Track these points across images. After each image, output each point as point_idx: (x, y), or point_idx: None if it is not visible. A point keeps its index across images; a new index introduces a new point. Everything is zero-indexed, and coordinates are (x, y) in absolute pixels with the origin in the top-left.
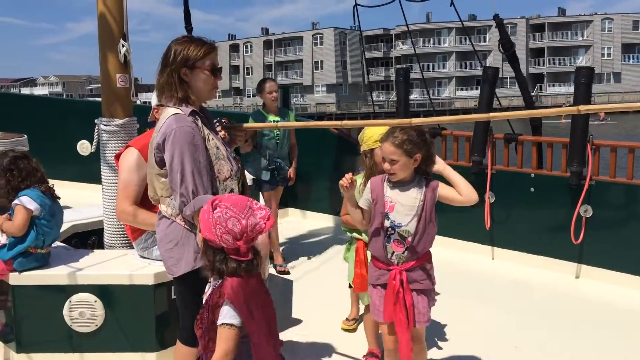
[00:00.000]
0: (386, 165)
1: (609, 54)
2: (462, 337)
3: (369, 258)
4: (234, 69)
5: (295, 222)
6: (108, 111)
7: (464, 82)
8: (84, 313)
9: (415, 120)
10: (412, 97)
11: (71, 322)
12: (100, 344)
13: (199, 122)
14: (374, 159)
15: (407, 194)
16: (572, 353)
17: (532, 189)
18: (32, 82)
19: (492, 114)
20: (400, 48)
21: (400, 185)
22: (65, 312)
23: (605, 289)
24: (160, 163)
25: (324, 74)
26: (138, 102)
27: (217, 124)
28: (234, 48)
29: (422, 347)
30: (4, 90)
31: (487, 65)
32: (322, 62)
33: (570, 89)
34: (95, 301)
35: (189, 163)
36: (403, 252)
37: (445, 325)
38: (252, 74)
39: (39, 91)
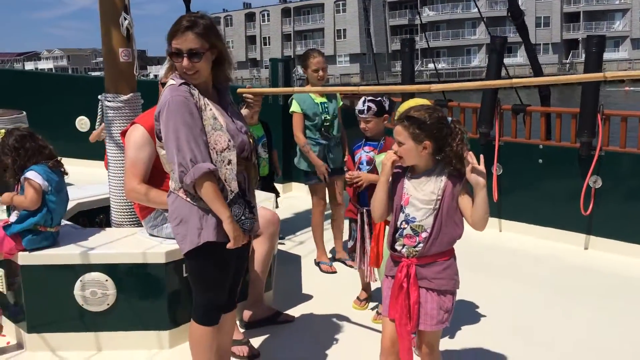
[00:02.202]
0: (394, 147)
1: None
2: (472, 308)
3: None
4: (250, 40)
5: (300, 197)
6: (112, 86)
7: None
8: (95, 292)
9: (436, 87)
10: (439, 66)
11: (83, 301)
12: (112, 323)
13: (195, 92)
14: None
15: (423, 187)
16: (581, 324)
17: (540, 161)
18: (36, 56)
19: (514, 80)
20: (427, 14)
21: (417, 176)
22: (76, 291)
23: (615, 259)
24: (159, 135)
25: (347, 43)
26: (149, 76)
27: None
28: (250, 17)
29: (432, 357)
30: (8, 66)
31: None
32: (344, 30)
33: (607, 55)
34: (107, 280)
35: (184, 132)
36: (415, 246)
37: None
38: (269, 44)
39: (43, 65)
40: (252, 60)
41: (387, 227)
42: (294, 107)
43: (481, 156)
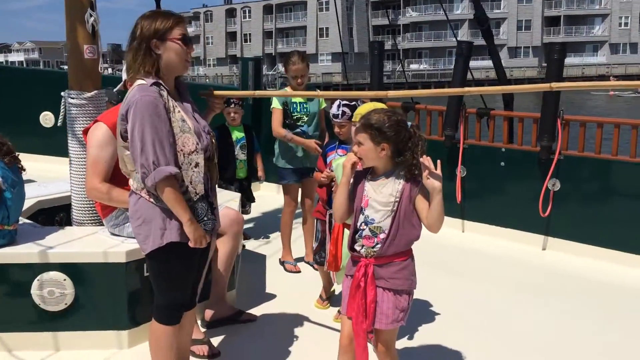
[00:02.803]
0: (354, 148)
1: (625, 24)
2: (431, 307)
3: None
4: (231, 36)
5: (269, 197)
6: (76, 83)
7: (476, 51)
8: (52, 292)
9: (392, 93)
10: (421, 67)
11: (40, 300)
12: (71, 323)
13: (165, 93)
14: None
15: (382, 190)
16: (538, 321)
17: (502, 163)
18: (6, 48)
19: (466, 89)
20: (410, 15)
21: (377, 178)
22: (33, 290)
23: (571, 260)
24: (125, 135)
25: (329, 42)
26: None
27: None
28: (230, 13)
29: (388, 355)
30: None
31: (501, 33)
32: (327, 29)
33: (586, 59)
34: (65, 279)
35: (150, 133)
36: (373, 247)
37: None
38: (250, 41)
39: (14, 57)
40: (232, 57)
41: (345, 230)
42: (274, 102)
43: (438, 161)
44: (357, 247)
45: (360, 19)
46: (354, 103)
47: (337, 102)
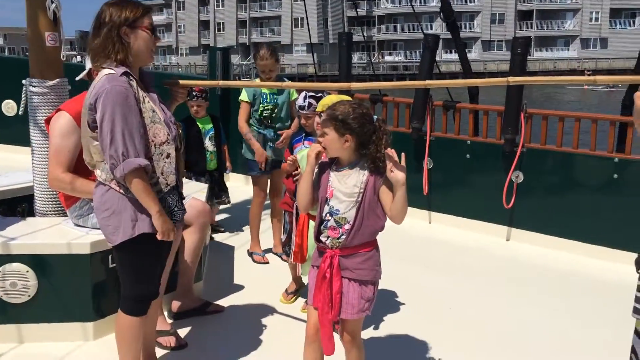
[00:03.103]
0: (319, 137)
1: (596, 19)
2: (397, 297)
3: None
4: (204, 25)
5: (237, 188)
6: (37, 72)
7: (451, 44)
8: (15, 283)
9: (355, 85)
10: (396, 59)
11: (2, 292)
12: (35, 315)
13: (134, 84)
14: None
15: (346, 181)
16: (501, 309)
17: (467, 156)
18: None
19: (428, 82)
20: (385, 6)
21: (341, 169)
22: None
23: (534, 250)
24: (93, 125)
25: (304, 32)
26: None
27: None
28: (203, 1)
29: (354, 344)
30: None
31: (475, 27)
32: (302, 19)
33: (558, 53)
34: (27, 271)
35: (119, 124)
36: (338, 238)
37: (382, 287)
38: (223, 30)
39: None
40: (205, 46)
41: (311, 222)
42: (242, 95)
43: (403, 154)
44: (322, 238)
45: (336, 9)
46: (320, 94)
47: (303, 94)
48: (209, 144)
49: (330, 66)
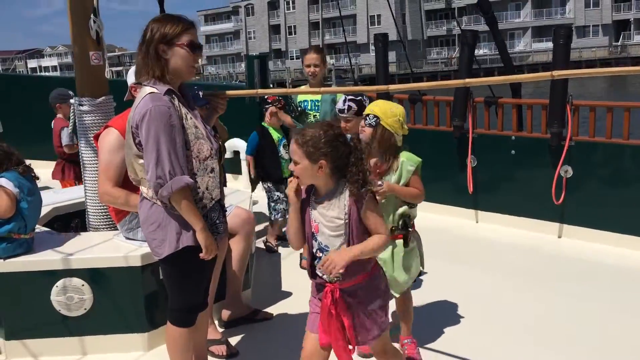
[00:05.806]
0: (291, 166)
1: None
2: (447, 300)
3: None
4: (274, 29)
5: None
6: (84, 90)
7: (540, 32)
8: (72, 297)
9: (394, 87)
10: (480, 52)
11: (60, 306)
12: (91, 327)
13: (176, 101)
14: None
15: (328, 213)
16: (554, 309)
17: (512, 152)
18: (38, 53)
19: (467, 80)
20: None
21: (321, 200)
22: (53, 297)
23: (586, 246)
24: (139, 144)
25: (382, 30)
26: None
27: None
28: (273, 5)
29: (389, 356)
30: (8, 64)
31: (568, 12)
32: (378, 16)
33: None
34: (83, 285)
35: (165, 143)
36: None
37: (430, 289)
38: (295, 34)
39: (46, 62)
40: (277, 51)
41: None
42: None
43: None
44: (319, 273)
45: (414, 4)
46: (359, 98)
47: (342, 97)
48: (283, 152)
49: (413, 63)
